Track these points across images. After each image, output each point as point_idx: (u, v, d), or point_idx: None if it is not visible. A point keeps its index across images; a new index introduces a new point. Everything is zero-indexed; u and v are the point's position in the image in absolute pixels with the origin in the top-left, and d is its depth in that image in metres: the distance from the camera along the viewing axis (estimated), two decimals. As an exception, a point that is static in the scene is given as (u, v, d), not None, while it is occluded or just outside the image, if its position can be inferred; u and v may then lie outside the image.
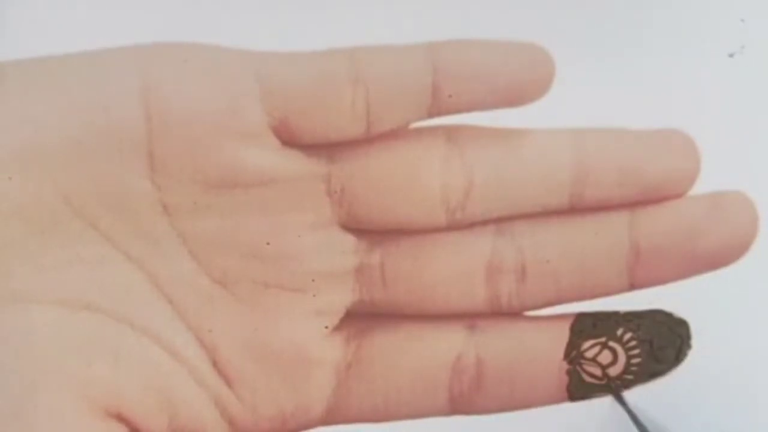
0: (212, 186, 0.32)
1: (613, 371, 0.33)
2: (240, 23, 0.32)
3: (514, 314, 0.33)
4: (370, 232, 0.33)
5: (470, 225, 0.33)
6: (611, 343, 0.33)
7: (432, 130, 0.33)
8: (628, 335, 0.33)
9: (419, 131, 0.33)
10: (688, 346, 0.34)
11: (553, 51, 0.33)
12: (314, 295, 0.33)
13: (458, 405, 0.33)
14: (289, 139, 0.32)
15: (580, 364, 0.33)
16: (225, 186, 0.32)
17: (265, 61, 0.32)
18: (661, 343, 0.33)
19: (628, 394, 0.33)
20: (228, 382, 0.33)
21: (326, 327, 0.33)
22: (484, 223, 0.33)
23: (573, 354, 0.33)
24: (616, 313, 0.33)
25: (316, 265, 0.33)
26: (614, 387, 0.33)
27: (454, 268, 0.33)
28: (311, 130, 0.32)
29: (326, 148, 0.32)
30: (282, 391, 0.33)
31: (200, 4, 0.32)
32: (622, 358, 0.33)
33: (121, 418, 0.32)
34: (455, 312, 0.33)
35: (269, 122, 0.32)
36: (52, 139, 0.31)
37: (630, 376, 0.33)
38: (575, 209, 0.33)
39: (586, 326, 0.33)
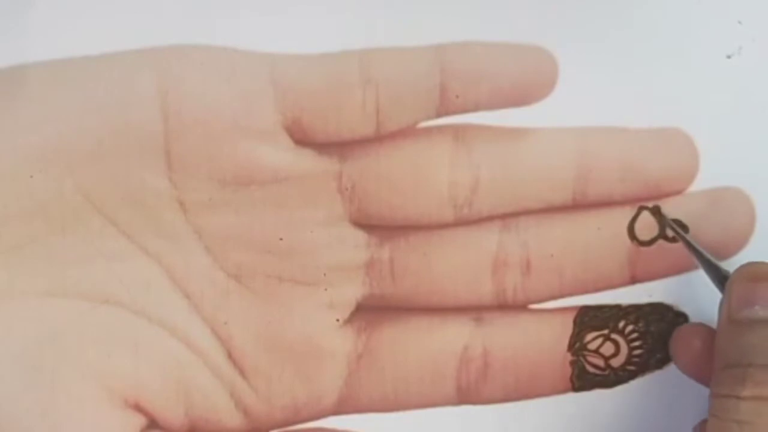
0: (227, 183, 0.33)
1: (616, 362, 0.34)
2: (253, 25, 0.33)
3: (519, 307, 0.34)
4: (380, 228, 0.34)
5: (477, 221, 0.34)
6: (614, 335, 0.34)
7: (440, 129, 0.34)
8: (630, 327, 0.34)
9: (428, 130, 0.34)
10: (688, 338, 0.34)
11: (555, 53, 0.34)
12: (326, 289, 0.34)
13: (465, 395, 0.34)
14: (301, 138, 0.33)
15: (584, 356, 0.34)
16: (240, 183, 0.33)
17: (278, 62, 0.33)
18: (662, 334, 0.34)
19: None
20: (243, 373, 0.34)
21: (338, 319, 0.34)
22: (491, 219, 0.34)
23: (576, 345, 0.34)
24: (618, 306, 0.34)
25: (327, 260, 0.34)
26: (619, 377, 0.34)
27: (461, 263, 0.34)
28: (323, 129, 0.33)
29: (338, 147, 0.33)
30: (295, 381, 0.34)
31: (215, 7, 0.33)
32: (624, 350, 0.34)
33: (139, 408, 0.33)
34: (462, 305, 0.34)
35: (282, 122, 0.33)
36: (72, 139, 0.32)
37: (632, 367, 0.34)
38: (578, 205, 0.34)
39: (589, 318, 0.34)
